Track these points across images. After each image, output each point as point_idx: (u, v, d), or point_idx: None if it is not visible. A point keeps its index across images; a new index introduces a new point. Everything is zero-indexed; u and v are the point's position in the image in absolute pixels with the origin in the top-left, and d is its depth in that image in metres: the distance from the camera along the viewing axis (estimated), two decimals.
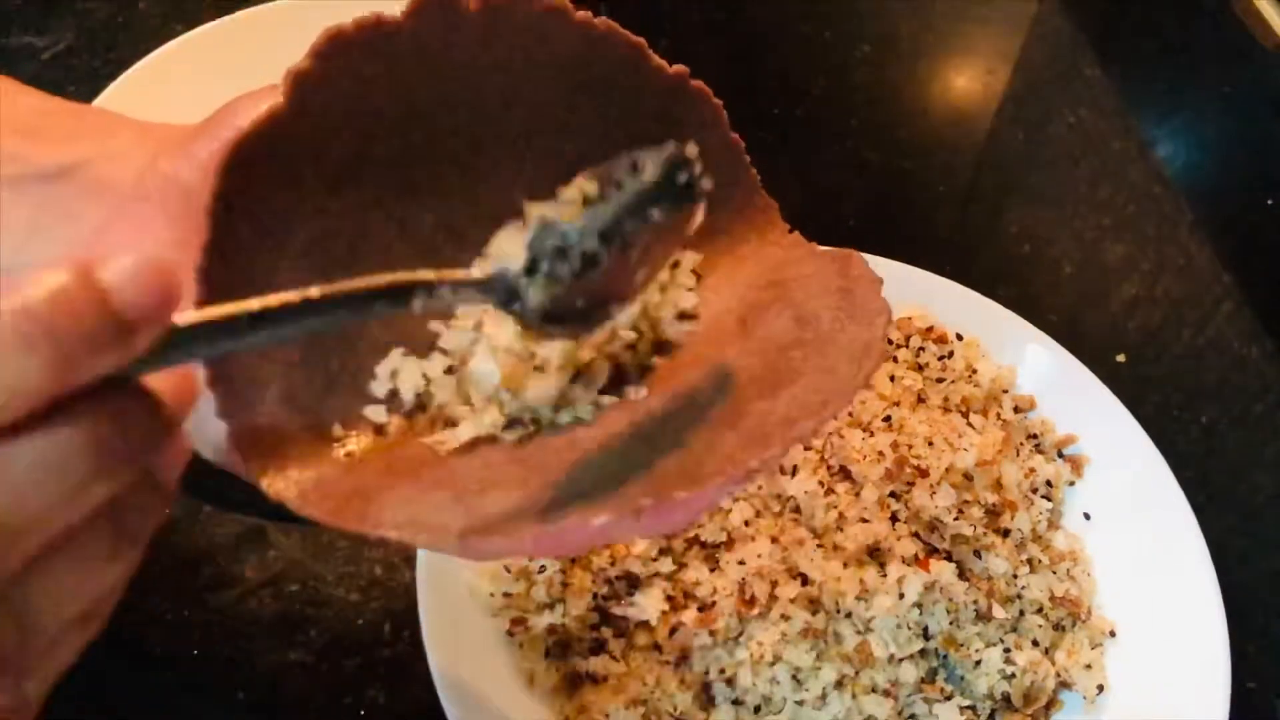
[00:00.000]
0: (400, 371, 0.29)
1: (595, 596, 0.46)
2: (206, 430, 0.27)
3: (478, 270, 0.26)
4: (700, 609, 0.45)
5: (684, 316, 0.32)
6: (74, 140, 0.30)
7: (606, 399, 0.29)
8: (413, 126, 0.29)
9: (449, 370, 0.30)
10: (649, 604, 0.46)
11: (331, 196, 0.28)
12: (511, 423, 0.29)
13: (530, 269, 0.26)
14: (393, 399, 0.29)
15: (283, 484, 0.26)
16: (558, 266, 0.26)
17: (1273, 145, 0.78)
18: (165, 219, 0.28)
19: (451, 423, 0.29)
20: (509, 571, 0.46)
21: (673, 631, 0.46)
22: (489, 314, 0.29)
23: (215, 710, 0.47)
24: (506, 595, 0.46)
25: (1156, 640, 0.47)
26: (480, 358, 0.29)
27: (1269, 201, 0.72)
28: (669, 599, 0.46)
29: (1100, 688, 0.46)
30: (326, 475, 0.27)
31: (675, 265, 0.32)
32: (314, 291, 0.22)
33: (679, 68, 0.31)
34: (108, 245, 0.28)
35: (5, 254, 0.29)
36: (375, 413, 0.29)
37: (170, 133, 0.30)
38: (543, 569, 0.46)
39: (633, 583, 0.47)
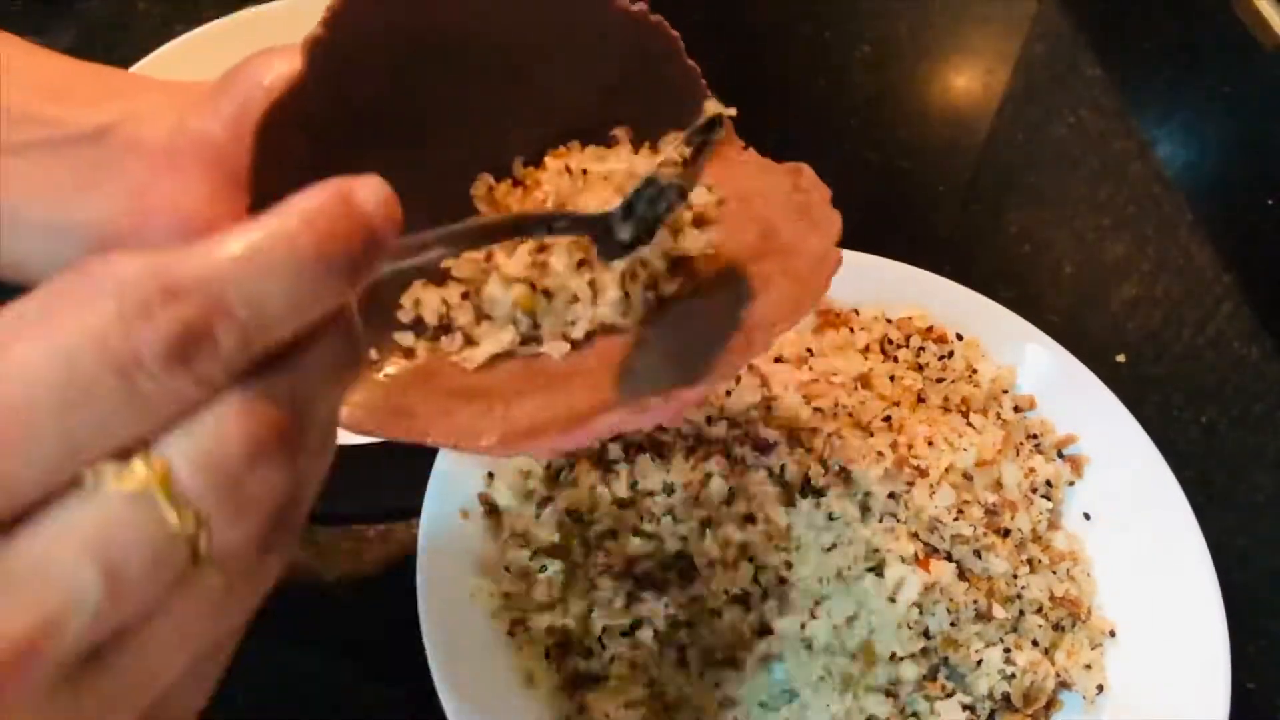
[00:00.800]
0: (422, 299, 0.33)
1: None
2: None
3: (594, 208, 0.31)
4: None
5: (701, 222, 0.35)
6: (102, 101, 0.32)
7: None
8: (419, 83, 0.32)
9: (464, 296, 0.33)
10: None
11: (354, 150, 0.31)
12: (524, 341, 0.33)
13: (626, 212, 0.30)
14: (418, 325, 0.32)
15: None
16: (652, 208, 0.30)
17: (1273, 145, 0.78)
18: (200, 173, 0.30)
19: (472, 342, 0.33)
20: (509, 571, 0.46)
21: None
22: (499, 248, 0.33)
23: (215, 711, 0.47)
24: (506, 595, 0.46)
25: (1156, 640, 0.47)
26: (494, 284, 0.32)
27: (1269, 201, 0.72)
28: None
29: (1100, 688, 0.46)
30: (371, 396, 0.31)
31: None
32: (475, 221, 0.26)
33: (640, 5, 0.34)
34: (152, 200, 0.31)
35: (55, 214, 0.31)
36: (404, 338, 0.33)
37: (191, 91, 0.32)
38: (544, 569, 0.46)
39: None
